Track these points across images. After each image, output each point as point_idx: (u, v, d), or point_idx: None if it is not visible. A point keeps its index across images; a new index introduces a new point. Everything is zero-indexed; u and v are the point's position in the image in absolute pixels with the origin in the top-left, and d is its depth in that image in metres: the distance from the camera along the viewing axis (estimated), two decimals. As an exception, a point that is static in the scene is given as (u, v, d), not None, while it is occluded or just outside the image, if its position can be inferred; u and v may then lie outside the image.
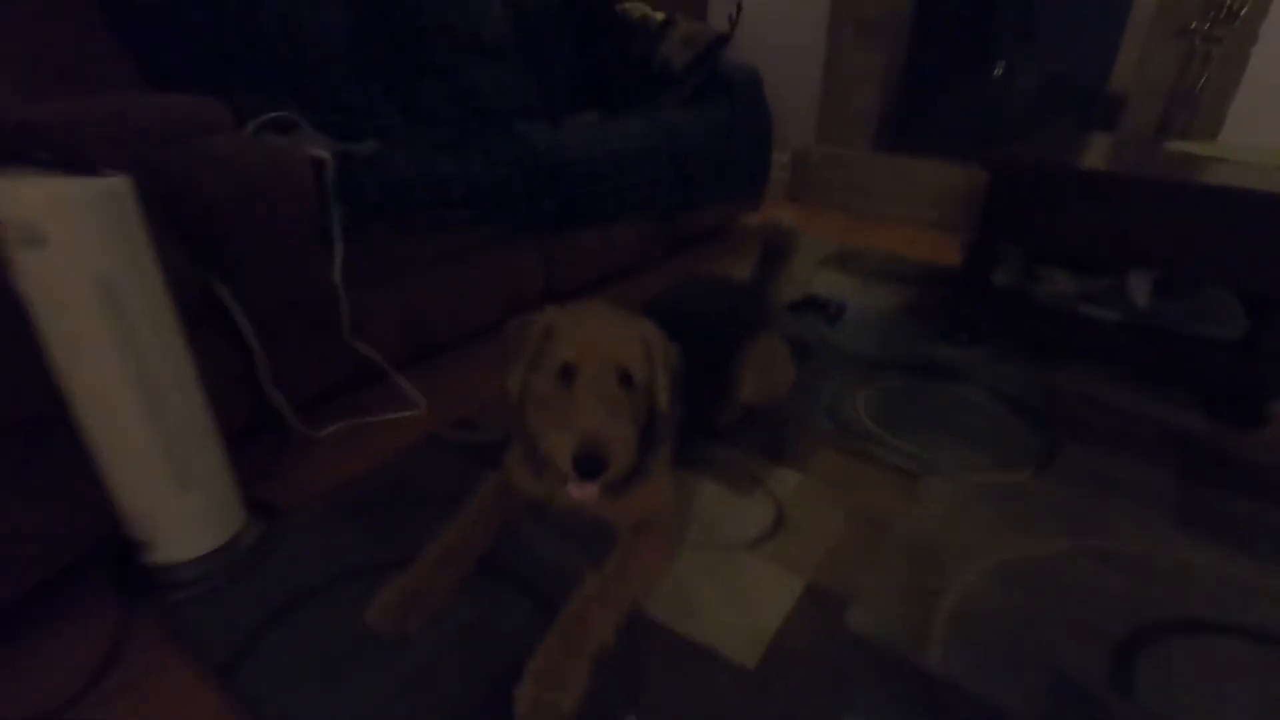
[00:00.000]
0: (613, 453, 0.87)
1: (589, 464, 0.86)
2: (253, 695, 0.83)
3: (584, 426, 0.87)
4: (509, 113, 2.15)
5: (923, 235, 2.89)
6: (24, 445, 0.86)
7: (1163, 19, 2.47)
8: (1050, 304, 1.69)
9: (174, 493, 0.93)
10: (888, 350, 1.78)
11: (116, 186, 0.81)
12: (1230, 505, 1.23)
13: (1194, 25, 2.39)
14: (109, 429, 0.87)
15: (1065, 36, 2.79)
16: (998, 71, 2.88)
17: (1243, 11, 2.33)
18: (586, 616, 0.90)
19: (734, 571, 1.05)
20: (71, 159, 0.82)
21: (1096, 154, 1.75)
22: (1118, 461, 1.34)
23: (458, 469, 1.26)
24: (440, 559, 0.98)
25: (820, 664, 0.91)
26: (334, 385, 1.44)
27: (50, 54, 1.25)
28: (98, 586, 0.98)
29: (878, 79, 3.16)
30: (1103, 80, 2.73)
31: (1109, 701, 0.86)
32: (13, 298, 0.79)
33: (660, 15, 2.50)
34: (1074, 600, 1.02)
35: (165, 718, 0.82)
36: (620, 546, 1.02)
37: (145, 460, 0.90)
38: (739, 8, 2.74)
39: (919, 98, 3.20)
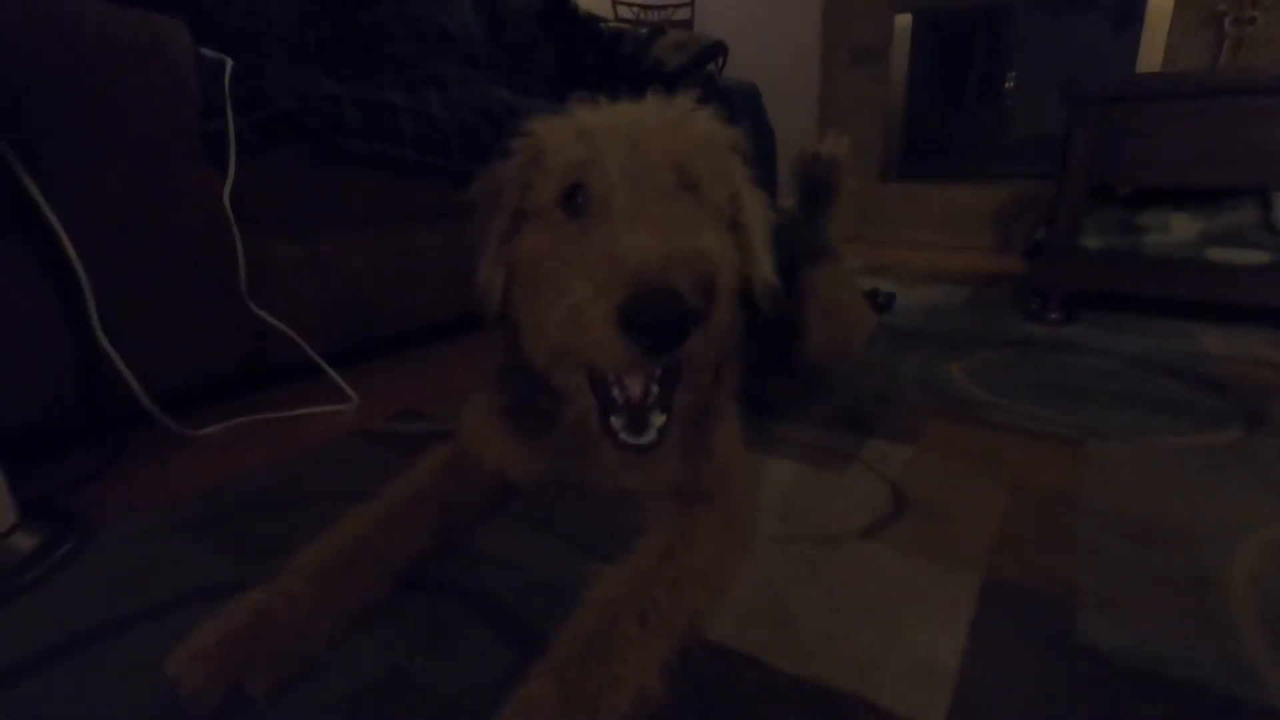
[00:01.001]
0: (712, 277, 0.45)
1: (658, 307, 0.41)
2: None
3: (633, 245, 0.43)
4: (480, 108, 1.87)
5: (946, 255, 2.58)
6: None
7: (1185, 10, 2.32)
8: (1166, 256, 1.33)
9: None
10: (966, 331, 1.40)
11: None
12: None
13: (1223, 8, 2.22)
14: None
15: (1075, 47, 2.63)
16: (1009, 84, 2.69)
17: (1275, -10, 2.18)
18: (609, 643, 0.45)
19: (852, 571, 0.61)
20: None
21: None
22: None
23: (387, 467, 0.82)
24: (322, 570, 0.53)
25: (1067, 711, 0.46)
26: (233, 372, 1.02)
27: None
28: None
29: (877, 109, 2.98)
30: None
31: None
32: None
33: (644, 30, 2.31)
34: None
35: None
36: (661, 530, 0.57)
37: None
38: (723, 57, 2.47)
39: (926, 123, 3.00)
